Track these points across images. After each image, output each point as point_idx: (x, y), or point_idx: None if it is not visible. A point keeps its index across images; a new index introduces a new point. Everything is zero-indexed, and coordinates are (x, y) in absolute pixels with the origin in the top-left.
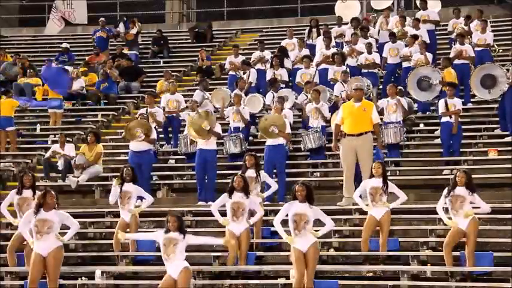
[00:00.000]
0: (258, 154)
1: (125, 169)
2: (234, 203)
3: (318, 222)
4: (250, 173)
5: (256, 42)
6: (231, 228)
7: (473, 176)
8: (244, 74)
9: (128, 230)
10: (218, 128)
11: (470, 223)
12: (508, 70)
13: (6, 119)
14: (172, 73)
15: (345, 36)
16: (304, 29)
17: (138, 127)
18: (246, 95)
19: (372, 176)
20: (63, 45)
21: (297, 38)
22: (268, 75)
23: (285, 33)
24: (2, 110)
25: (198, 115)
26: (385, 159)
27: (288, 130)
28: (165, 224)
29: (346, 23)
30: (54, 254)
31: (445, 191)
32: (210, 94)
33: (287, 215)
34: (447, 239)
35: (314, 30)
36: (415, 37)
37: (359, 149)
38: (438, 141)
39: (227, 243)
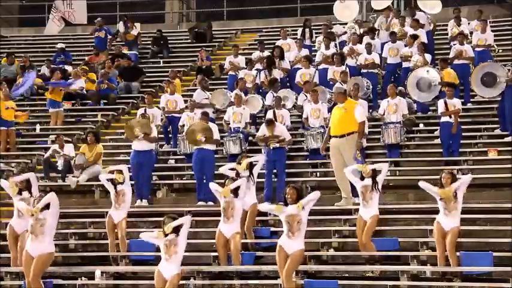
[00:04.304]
0: (258, 154)
1: (116, 173)
2: (226, 202)
3: (314, 224)
4: (244, 174)
5: (256, 42)
6: (222, 229)
7: (473, 176)
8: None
9: (116, 230)
10: (216, 134)
11: (452, 229)
12: (508, 70)
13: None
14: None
15: (339, 37)
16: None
17: (137, 126)
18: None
19: (362, 178)
20: (59, 45)
21: (292, 38)
22: (263, 76)
23: None
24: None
25: (192, 130)
26: (386, 159)
27: (288, 136)
28: (162, 226)
29: (343, 23)
30: (44, 258)
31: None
32: (210, 94)
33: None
34: (437, 244)
35: (307, 30)
36: (414, 37)
37: (342, 150)
38: (438, 141)
39: None
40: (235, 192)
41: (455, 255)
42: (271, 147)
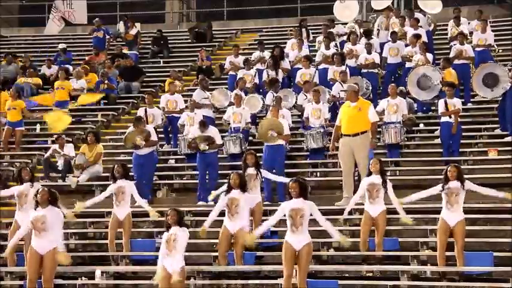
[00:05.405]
0: (258, 154)
1: (116, 166)
2: (229, 199)
3: (314, 224)
4: (251, 170)
5: (256, 42)
6: (226, 225)
7: (473, 176)
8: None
9: (121, 229)
10: (218, 139)
11: (458, 223)
12: (509, 70)
13: None
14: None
15: (339, 36)
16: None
17: (137, 135)
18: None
19: (370, 173)
20: (60, 46)
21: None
22: (265, 76)
23: (285, 33)
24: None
25: (194, 142)
26: (386, 159)
27: (287, 131)
28: (164, 222)
29: (344, 23)
30: (51, 254)
31: (439, 186)
32: (210, 94)
33: (284, 215)
34: (438, 238)
35: (303, 30)
36: (417, 36)
37: (355, 149)
38: (438, 141)
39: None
40: (243, 187)
41: (463, 256)
42: (270, 133)
